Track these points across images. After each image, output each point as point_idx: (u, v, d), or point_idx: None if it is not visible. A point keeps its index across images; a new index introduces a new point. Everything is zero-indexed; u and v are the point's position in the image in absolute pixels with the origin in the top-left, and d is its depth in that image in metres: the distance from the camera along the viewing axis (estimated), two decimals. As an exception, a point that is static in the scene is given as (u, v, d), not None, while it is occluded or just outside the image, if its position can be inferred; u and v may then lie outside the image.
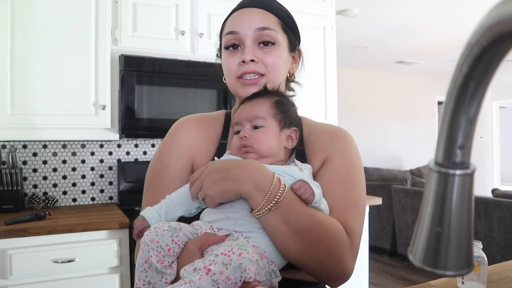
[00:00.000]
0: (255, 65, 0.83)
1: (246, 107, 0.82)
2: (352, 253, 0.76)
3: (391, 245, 4.50)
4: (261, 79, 0.84)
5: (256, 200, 0.70)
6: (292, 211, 0.71)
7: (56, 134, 2.07)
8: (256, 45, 0.85)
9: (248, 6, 0.87)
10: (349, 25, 4.10)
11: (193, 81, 2.26)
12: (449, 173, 0.34)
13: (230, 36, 0.86)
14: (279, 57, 0.86)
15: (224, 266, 0.63)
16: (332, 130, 0.92)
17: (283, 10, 0.91)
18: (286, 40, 0.89)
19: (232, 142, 0.82)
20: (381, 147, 6.66)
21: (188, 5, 2.32)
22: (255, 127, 0.80)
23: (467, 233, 0.35)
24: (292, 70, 0.93)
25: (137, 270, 0.70)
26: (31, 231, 1.74)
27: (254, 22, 0.84)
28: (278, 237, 0.71)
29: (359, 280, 2.53)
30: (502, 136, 8.06)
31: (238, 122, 0.82)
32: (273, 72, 0.85)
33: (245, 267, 0.63)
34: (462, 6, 3.61)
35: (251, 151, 0.79)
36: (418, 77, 7.11)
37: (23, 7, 1.98)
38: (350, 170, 0.84)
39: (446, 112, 0.33)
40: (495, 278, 1.02)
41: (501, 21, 0.27)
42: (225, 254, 0.64)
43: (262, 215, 0.70)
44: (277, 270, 0.74)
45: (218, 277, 0.62)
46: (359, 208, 0.81)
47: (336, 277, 0.76)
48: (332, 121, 2.74)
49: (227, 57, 0.87)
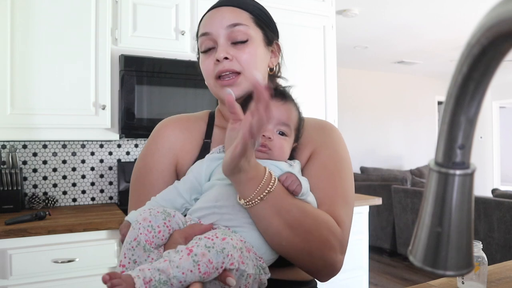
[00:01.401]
0: (229, 62, 0.82)
1: (278, 105, 0.80)
2: (342, 247, 0.76)
3: (391, 245, 4.50)
4: (238, 78, 0.83)
5: (250, 187, 0.68)
6: (283, 202, 0.71)
7: (56, 134, 2.07)
8: (230, 43, 0.84)
9: (219, 5, 0.87)
10: (349, 25, 4.10)
11: (193, 81, 2.26)
12: (449, 173, 0.34)
13: (203, 38, 0.86)
14: (254, 53, 0.84)
15: (206, 249, 0.62)
16: (319, 124, 0.91)
17: (256, 5, 0.89)
18: (261, 35, 0.87)
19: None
20: (381, 147, 6.66)
21: (188, 5, 2.33)
22: (281, 133, 0.80)
23: (467, 233, 0.35)
24: (272, 64, 0.91)
25: (124, 248, 0.70)
26: (31, 231, 1.74)
27: (224, 20, 0.84)
28: (269, 230, 0.71)
29: (359, 280, 2.53)
30: (502, 136, 8.07)
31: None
32: (248, 68, 0.83)
33: (228, 252, 0.63)
34: (462, 6, 3.61)
35: (266, 153, 0.78)
36: (418, 77, 7.11)
37: (23, 7, 1.98)
38: (337, 162, 0.84)
39: (446, 112, 0.33)
40: (495, 278, 1.02)
41: (501, 21, 0.27)
42: (209, 238, 0.64)
43: (253, 205, 0.69)
44: (266, 267, 0.73)
45: (199, 258, 0.61)
46: (347, 200, 0.81)
47: (326, 270, 0.76)
48: (332, 121, 2.74)
49: (203, 59, 0.87)
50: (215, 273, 0.62)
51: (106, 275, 0.59)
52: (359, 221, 2.52)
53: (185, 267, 0.61)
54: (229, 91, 0.66)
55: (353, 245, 2.51)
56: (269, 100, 0.60)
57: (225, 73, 0.83)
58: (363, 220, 2.55)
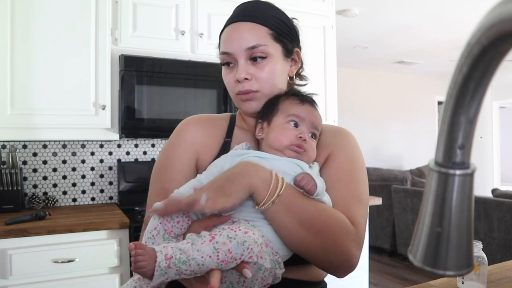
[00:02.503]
0: (248, 83, 0.86)
1: (311, 109, 0.86)
2: (357, 242, 0.77)
3: (391, 245, 4.50)
4: (256, 94, 0.88)
5: (262, 192, 0.71)
6: (295, 202, 0.73)
7: (56, 134, 2.07)
8: (249, 61, 0.87)
9: (238, 20, 0.88)
10: (349, 25, 4.10)
11: (193, 81, 2.26)
12: (449, 173, 0.34)
13: (224, 56, 0.89)
14: (272, 70, 0.88)
15: (228, 239, 0.65)
16: (335, 129, 0.95)
17: (275, 16, 0.90)
18: (280, 49, 0.90)
19: (287, 131, 0.82)
20: (381, 147, 6.66)
21: (188, 5, 2.32)
22: (313, 135, 0.85)
23: (467, 233, 0.35)
24: (292, 73, 0.95)
25: (145, 236, 0.73)
26: (31, 231, 1.74)
27: (244, 42, 0.86)
28: (283, 230, 0.73)
29: (359, 280, 2.53)
30: (502, 136, 8.07)
31: (302, 117, 0.84)
32: (267, 86, 0.87)
33: (248, 246, 0.65)
34: (462, 6, 3.61)
35: (302, 154, 0.82)
36: (418, 77, 7.11)
37: (23, 8, 1.98)
38: (352, 165, 0.86)
39: (446, 112, 0.33)
40: (495, 278, 1.02)
41: (501, 21, 0.27)
42: (232, 229, 0.67)
43: (267, 208, 0.72)
44: (281, 262, 0.75)
45: (220, 246, 0.64)
46: (362, 201, 0.83)
47: (343, 266, 0.77)
48: (332, 121, 2.74)
49: (225, 74, 0.91)
50: (233, 263, 0.65)
51: (132, 244, 0.63)
52: (359, 221, 2.51)
53: (205, 252, 0.64)
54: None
55: (353, 245, 2.52)
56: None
57: (245, 92, 0.87)
58: (363, 220, 2.54)
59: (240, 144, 0.87)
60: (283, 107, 0.85)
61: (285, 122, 0.83)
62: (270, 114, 0.85)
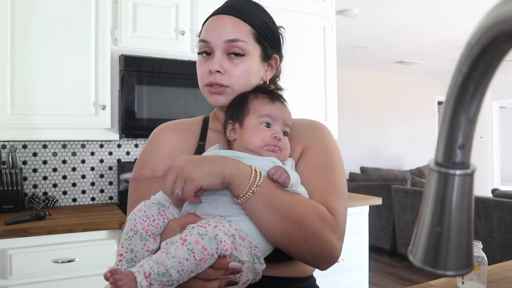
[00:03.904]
0: (220, 76, 0.85)
1: (281, 107, 0.85)
2: (338, 233, 0.77)
3: (391, 245, 4.50)
4: (225, 89, 0.86)
5: (241, 183, 0.71)
6: (273, 193, 0.74)
7: (56, 134, 2.07)
8: (226, 55, 0.86)
9: (223, 13, 0.88)
10: (349, 25, 4.10)
11: (193, 81, 2.24)
12: (449, 173, 0.34)
13: (202, 44, 0.88)
14: (248, 69, 0.87)
15: (199, 236, 0.65)
16: (308, 123, 0.95)
17: (261, 18, 0.90)
18: (259, 50, 0.89)
19: (261, 132, 0.82)
20: (381, 147, 6.66)
21: (188, 5, 2.32)
22: (285, 132, 0.85)
23: (467, 233, 0.35)
24: (266, 78, 0.93)
25: (122, 238, 0.73)
26: (31, 231, 1.74)
27: (224, 33, 0.85)
28: (263, 222, 0.73)
29: (359, 280, 2.53)
30: (502, 136, 8.07)
31: (274, 117, 0.83)
32: (238, 83, 0.86)
33: (220, 239, 0.65)
34: (462, 6, 3.61)
35: (277, 153, 0.82)
36: (418, 77, 7.11)
37: (23, 8, 1.98)
38: (327, 157, 0.87)
39: (446, 112, 0.33)
40: (495, 278, 1.02)
41: (501, 21, 0.27)
42: (201, 226, 0.67)
43: (246, 200, 0.72)
44: (261, 257, 0.74)
45: (193, 246, 0.64)
46: (339, 192, 0.83)
47: (324, 256, 0.77)
48: (332, 121, 2.74)
49: (199, 63, 0.90)
50: (211, 259, 0.65)
51: (107, 272, 0.62)
52: (359, 221, 2.52)
53: (180, 256, 0.63)
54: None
55: (353, 245, 2.52)
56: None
57: (215, 84, 0.86)
58: (363, 220, 2.54)
59: (213, 146, 0.87)
60: (253, 107, 0.84)
61: (258, 123, 0.83)
62: (241, 114, 0.84)
